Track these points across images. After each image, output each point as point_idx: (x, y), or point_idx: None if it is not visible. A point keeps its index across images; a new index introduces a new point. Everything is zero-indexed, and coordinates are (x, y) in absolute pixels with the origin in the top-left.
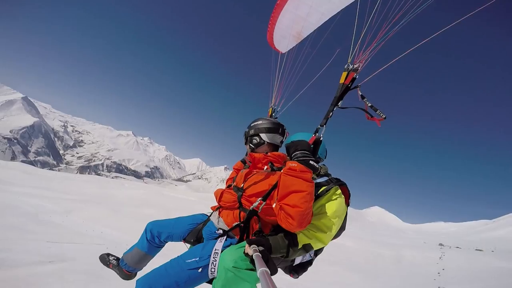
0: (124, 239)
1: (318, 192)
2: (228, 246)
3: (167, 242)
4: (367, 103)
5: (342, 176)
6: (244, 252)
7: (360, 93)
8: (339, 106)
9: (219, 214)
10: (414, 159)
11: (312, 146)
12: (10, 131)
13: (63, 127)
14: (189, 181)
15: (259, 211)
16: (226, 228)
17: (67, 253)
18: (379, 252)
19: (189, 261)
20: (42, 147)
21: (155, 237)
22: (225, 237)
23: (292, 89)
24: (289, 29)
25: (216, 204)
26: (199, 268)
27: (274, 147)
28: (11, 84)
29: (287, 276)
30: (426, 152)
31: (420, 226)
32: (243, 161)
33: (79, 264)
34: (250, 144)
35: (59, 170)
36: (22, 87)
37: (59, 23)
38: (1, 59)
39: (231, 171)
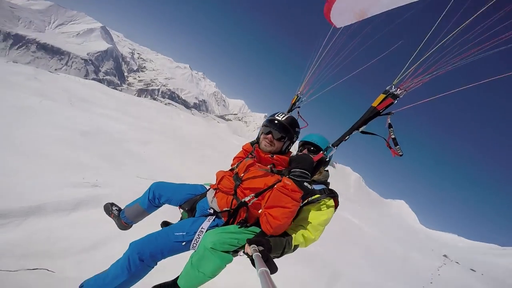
0: (194, 179)
1: (312, 199)
2: (215, 226)
3: (164, 204)
4: (392, 134)
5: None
6: (244, 251)
7: (389, 121)
8: (359, 130)
9: (215, 194)
10: (455, 169)
11: (315, 163)
12: (87, 54)
13: (131, 54)
14: (229, 120)
15: (249, 204)
16: (217, 210)
17: None
18: (390, 246)
19: (177, 234)
20: (110, 69)
21: (156, 198)
22: (214, 217)
23: (326, 79)
24: (354, 3)
25: (215, 183)
26: (183, 242)
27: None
28: (93, 15)
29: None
30: (468, 166)
31: (433, 232)
32: (253, 144)
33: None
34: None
35: (121, 90)
36: (101, 17)
37: None
38: None
39: (240, 150)
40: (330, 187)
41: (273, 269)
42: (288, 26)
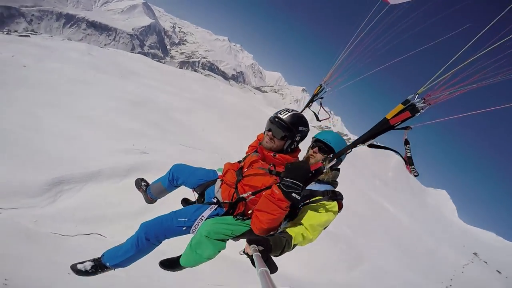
0: (231, 149)
1: (312, 199)
2: (215, 215)
3: (181, 185)
4: (408, 152)
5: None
6: (243, 251)
7: (406, 137)
8: (365, 144)
9: (220, 185)
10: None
11: (312, 172)
12: (132, 29)
13: (172, 28)
14: (265, 92)
15: (247, 200)
16: (220, 200)
17: (195, 159)
18: (421, 237)
19: (180, 219)
20: (154, 43)
21: (174, 179)
22: (216, 206)
23: (361, 66)
24: None
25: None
26: (184, 227)
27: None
28: None
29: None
30: None
31: (470, 228)
32: None
33: None
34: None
35: (164, 62)
36: None
37: None
38: None
39: (255, 139)
40: (336, 189)
41: (273, 268)
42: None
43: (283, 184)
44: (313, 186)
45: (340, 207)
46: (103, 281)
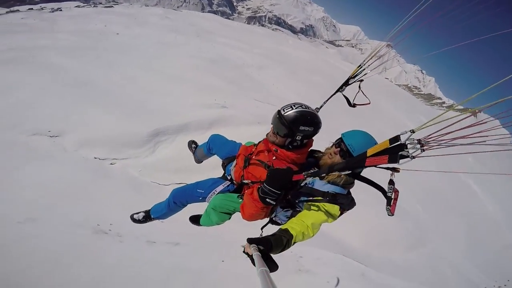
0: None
1: (315, 198)
2: (227, 190)
3: (214, 155)
4: (389, 192)
5: None
6: (243, 251)
7: (392, 177)
8: (342, 173)
9: (235, 165)
10: None
11: (293, 181)
12: None
13: None
14: (340, 46)
15: (249, 186)
16: (233, 178)
17: (267, 115)
18: (500, 230)
19: (198, 190)
20: (221, 0)
21: (210, 148)
22: (229, 182)
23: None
24: None
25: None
26: (200, 197)
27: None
28: None
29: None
30: None
31: None
32: None
33: None
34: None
35: (233, 19)
36: None
37: None
38: None
39: None
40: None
41: (273, 268)
42: None
43: (261, 190)
44: (319, 185)
45: (342, 212)
46: (191, 229)
